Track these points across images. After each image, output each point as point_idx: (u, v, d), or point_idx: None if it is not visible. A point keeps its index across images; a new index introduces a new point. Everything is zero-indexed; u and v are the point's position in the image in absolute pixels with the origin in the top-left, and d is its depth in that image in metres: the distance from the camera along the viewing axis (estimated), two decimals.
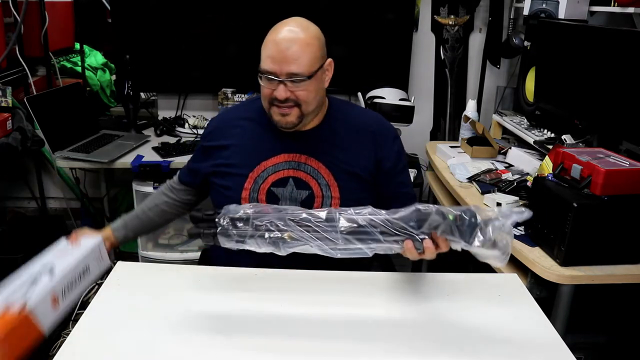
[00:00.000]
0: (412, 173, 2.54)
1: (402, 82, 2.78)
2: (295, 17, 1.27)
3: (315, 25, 1.28)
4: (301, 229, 0.99)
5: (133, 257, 2.69)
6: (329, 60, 1.30)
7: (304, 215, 1.00)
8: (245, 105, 1.47)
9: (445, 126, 3.04)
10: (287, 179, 1.31)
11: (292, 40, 1.20)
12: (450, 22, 2.88)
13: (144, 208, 1.48)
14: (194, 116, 2.81)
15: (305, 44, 1.21)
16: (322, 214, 0.99)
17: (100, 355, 0.96)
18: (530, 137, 2.18)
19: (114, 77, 2.89)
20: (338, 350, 0.99)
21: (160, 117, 2.86)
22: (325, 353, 0.98)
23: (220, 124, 1.42)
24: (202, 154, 1.43)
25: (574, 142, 1.96)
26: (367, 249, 0.99)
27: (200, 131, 2.60)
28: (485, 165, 2.07)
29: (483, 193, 1.82)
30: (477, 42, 2.95)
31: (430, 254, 0.99)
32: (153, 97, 2.86)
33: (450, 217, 0.96)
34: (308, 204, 1.30)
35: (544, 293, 1.43)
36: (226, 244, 1.03)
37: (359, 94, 2.59)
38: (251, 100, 1.46)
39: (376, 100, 2.45)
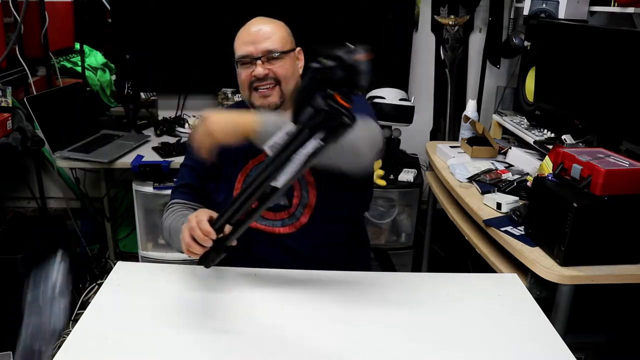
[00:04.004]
0: (412, 173, 2.54)
1: (402, 82, 2.78)
2: None
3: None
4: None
5: (133, 257, 2.69)
6: (299, 48, 1.36)
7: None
8: (229, 109, 1.47)
9: (445, 126, 3.03)
10: None
11: (262, 23, 1.31)
12: (450, 22, 2.88)
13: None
14: (194, 116, 2.81)
15: (274, 26, 1.31)
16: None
17: (100, 355, 0.96)
18: (530, 137, 2.18)
19: (114, 77, 2.90)
20: (338, 350, 0.99)
21: (160, 117, 2.86)
22: (325, 353, 0.98)
23: None
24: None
25: (574, 142, 1.96)
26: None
27: None
28: (485, 165, 2.07)
29: (483, 193, 1.82)
30: (477, 42, 2.94)
31: None
32: (153, 97, 2.85)
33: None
34: (289, 193, 1.31)
35: (544, 293, 1.43)
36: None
37: (359, 93, 2.59)
38: (234, 105, 1.46)
39: (376, 100, 2.45)
